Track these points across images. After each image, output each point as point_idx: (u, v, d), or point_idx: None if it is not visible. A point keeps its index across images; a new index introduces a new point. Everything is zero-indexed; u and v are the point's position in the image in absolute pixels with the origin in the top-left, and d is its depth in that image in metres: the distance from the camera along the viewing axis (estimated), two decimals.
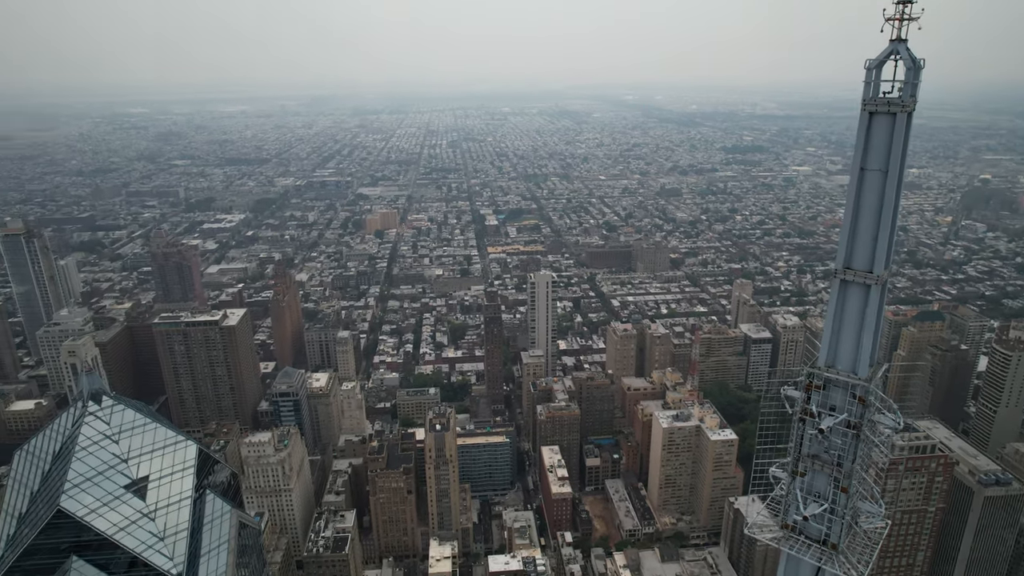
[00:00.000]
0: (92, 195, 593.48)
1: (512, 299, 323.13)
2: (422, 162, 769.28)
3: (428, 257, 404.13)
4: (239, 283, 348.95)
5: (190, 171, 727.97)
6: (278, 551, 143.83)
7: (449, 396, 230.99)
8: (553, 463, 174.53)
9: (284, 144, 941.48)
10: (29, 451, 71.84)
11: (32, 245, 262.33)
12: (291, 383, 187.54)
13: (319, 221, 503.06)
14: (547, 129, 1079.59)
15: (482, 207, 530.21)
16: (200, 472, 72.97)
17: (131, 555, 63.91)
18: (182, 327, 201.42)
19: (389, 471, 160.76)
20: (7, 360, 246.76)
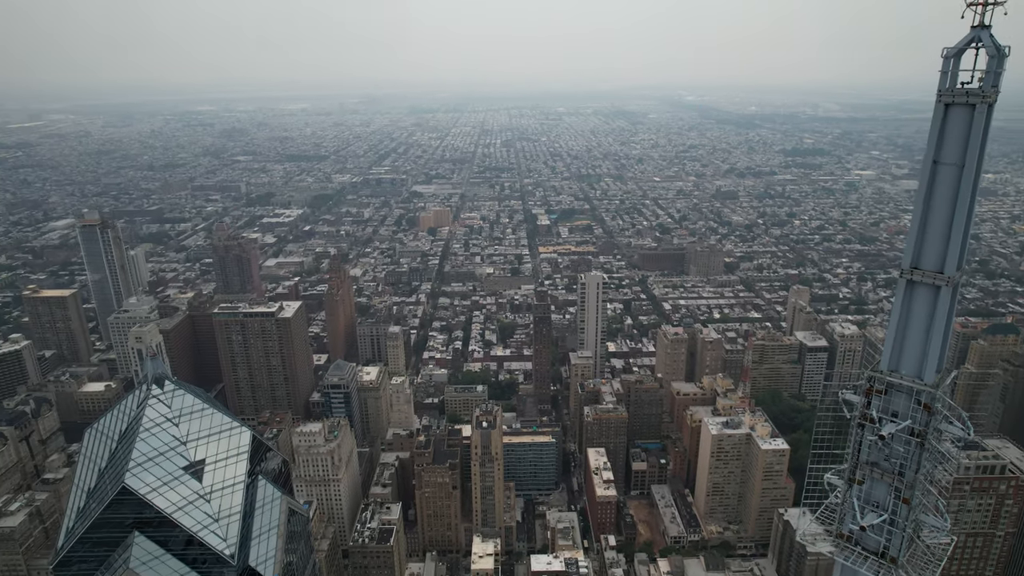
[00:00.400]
0: (161, 189, 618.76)
1: (562, 299, 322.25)
2: (476, 161, 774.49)
3: (479, 255, 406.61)
4: (295, 276, 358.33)
5: (252, 167, 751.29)
6: (325, 539, 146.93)
7: (496, 394, 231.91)
8: (599, 465, 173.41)
9: (342, 141, 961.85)
10: (98, 430, 75.56)
11: (106, 236, 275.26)
12: (342, 376, 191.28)
13: (374, 218, 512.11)
14: (602, 129, 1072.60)
15: (534, 207, 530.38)
16: (253, 458, 75.29)
17: (188, 534, 66.45)
18: (240, 318, 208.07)
19: (435, 466, 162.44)
20: (81, 344, 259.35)
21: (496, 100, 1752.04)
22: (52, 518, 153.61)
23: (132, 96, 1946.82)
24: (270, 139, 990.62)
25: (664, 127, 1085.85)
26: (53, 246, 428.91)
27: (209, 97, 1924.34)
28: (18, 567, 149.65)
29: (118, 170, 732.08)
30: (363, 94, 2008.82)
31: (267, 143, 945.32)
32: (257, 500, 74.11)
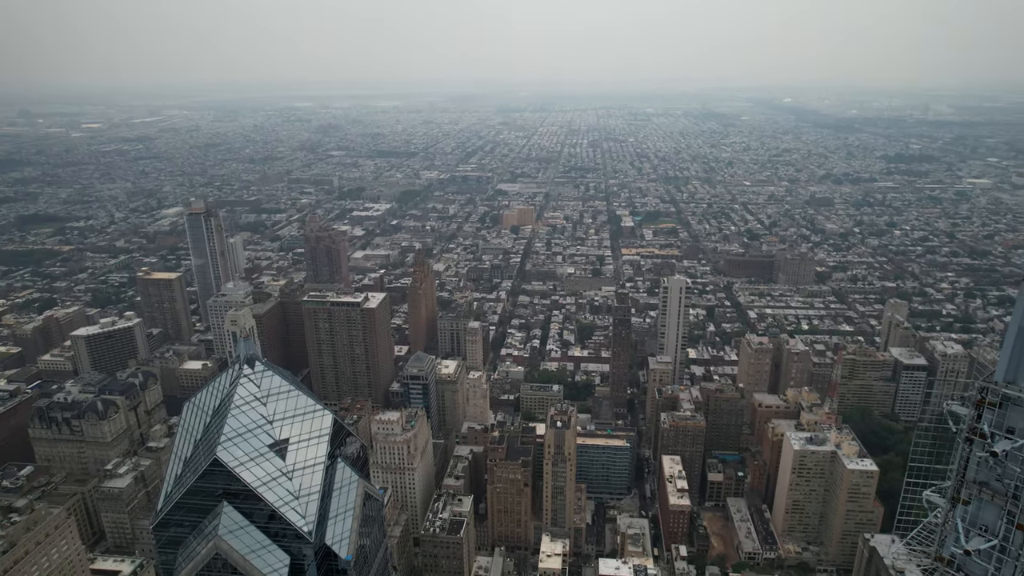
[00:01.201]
0: (260, 180, 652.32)
1: (643, 303, 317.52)
2: (561, 160, 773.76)
3: (561, 255, 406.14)
4: (381, 269, 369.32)
5: (345, 161, 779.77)
6: (397, 526, 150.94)
7: (572, 395, 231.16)
8: (673, 473, 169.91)
9: (431, 139, 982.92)
10: (195, 404, 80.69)
11: (210, 223, 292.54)
12: (422, 367, 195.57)
13: (459, 214, 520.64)
14: (691, 131, 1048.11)
15: (619, 208, 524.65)
16: (334, 441, 78.26)
17: (271, 509, 69.86)
18: (327, 306, 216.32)
19: (508, 462, 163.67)
20: (183, 324, 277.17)
21: (583, 100, 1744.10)
22: (154, 483, 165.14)
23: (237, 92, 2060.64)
24: (363, 135, 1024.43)
25: (757, 130, 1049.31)
26: (164, 232, 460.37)
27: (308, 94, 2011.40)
28: (124, 525, 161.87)
29: (223, 162, 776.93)
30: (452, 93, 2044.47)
31: (360, 139, 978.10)
32: (335, 481, 76.99)
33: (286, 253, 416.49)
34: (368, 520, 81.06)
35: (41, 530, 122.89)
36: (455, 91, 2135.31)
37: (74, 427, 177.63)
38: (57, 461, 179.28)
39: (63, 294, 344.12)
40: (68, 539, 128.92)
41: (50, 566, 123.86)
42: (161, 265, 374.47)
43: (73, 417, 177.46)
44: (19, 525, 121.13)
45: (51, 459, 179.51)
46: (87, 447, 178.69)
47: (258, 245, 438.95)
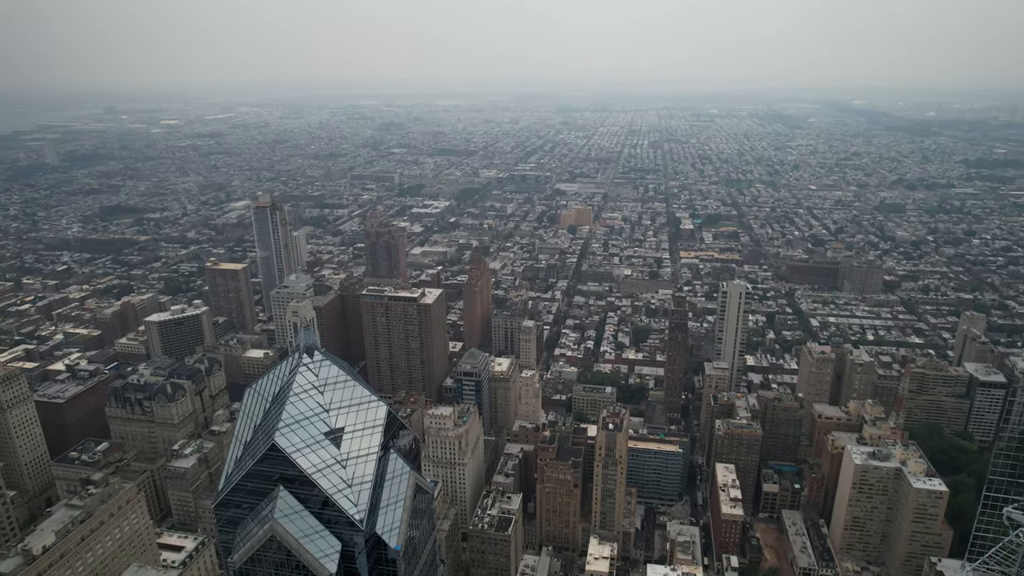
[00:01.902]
0: (324, 176, 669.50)
1: (701, 307, 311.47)
2: (621, 161, 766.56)
3: (618, 256, 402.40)
4: (438, 265, 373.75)
5: (406, 159, 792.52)
6: (446, 520, 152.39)
7: (625, 397, 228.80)
8: (727, 482, 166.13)
9: (491, 138, 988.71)
10: (256, 390, 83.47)
11: (275, 217, 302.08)
12: (475, 364, 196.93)
13: (516, 213, 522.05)
14: (755, 133, 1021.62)
15: (678, 210, 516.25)
16: (387, 432, 79.66)
17: (324, 496, 71.62)
18: (385, 300, 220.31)
19: (558, 462, 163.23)
20: (247, 314, 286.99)
21: (645, 100, 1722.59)
22: (216, 465, 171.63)
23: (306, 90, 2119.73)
24: (424, 133, 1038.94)
25: (825, 132, 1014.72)
26: (232, 224, 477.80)
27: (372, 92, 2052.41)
28: (188, 503, 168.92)
29: (289, 158, 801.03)
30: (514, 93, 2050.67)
31: (421, 137, 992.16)
32: (387, 472, 78.32)
33: (347, 248, 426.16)
34: (418, 512, 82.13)
35: (115, 503, 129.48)
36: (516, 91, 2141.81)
37: (145, 408, 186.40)
38: (130, 439, 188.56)
39: (139, 281, 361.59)
40: (138, 513, 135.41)
41: (122, 537, 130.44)
42: (228, 256, 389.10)
43: (145, 398, 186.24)
44: (96, 497, 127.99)
45: (125, 437, 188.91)
46: (156, 427, 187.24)
47: (320, 239, 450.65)
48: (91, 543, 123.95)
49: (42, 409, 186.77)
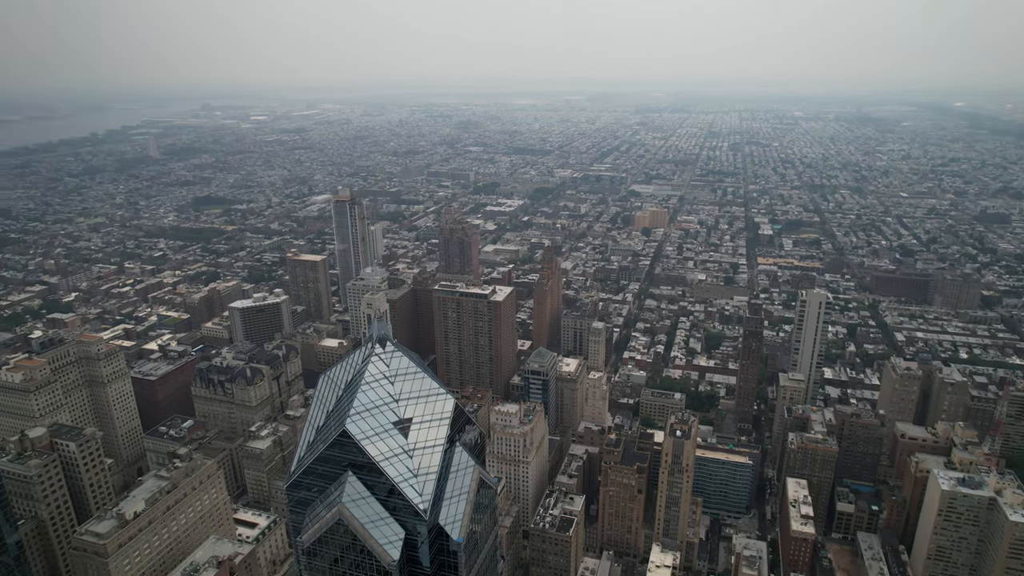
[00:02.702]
0: (401, 173, 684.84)
1: (777, 315, 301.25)
2: (699, 163, 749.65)
3: (693, 260, 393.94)
4: (510, 264, 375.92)
5: (482, 157, 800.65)
6: (508, 517, 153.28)
7: (694, 404, 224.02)
8: (798, 498, 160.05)
9: (566, 137, 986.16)
10: (330, 377, 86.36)
11: (354, 211, 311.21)
12: (543, 363, 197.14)
13: (590, 213, 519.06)
14: (843, 137, 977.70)
15: (757, 215, 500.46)
16: (453, 425, 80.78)
17: (391, 484, 73.33)
18: (457, 296, 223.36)
19: (623, 466, 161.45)
20: (324, 304, 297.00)
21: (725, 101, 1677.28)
22: (289, 448, 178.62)
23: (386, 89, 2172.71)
24: (500, 132, 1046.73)
25: (920, 136, 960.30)
26: (312, 217, 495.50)
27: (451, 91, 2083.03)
28: (262, 483, 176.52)
29: (368, 154, 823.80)
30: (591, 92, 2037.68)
31: (497, 136, 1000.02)
32: (452, 465, 79.43)
33: (421, 243, 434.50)
34: (481, 507, 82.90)
35: (197, 477, 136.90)
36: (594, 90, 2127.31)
37: (227, 389, 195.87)
38: (212, 418, 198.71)
39: (225, 269, 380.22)
40: (217, 488, 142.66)
41: (202, 509, 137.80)
42: (308, 248, 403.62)
43: (226, 380, 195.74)
44: (181, 470, 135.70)
45: (207, 415, 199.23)
46: (236, 409, 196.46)
47: (396, 234, 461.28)
48: (175, 512, 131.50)
49: (137, 385, 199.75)
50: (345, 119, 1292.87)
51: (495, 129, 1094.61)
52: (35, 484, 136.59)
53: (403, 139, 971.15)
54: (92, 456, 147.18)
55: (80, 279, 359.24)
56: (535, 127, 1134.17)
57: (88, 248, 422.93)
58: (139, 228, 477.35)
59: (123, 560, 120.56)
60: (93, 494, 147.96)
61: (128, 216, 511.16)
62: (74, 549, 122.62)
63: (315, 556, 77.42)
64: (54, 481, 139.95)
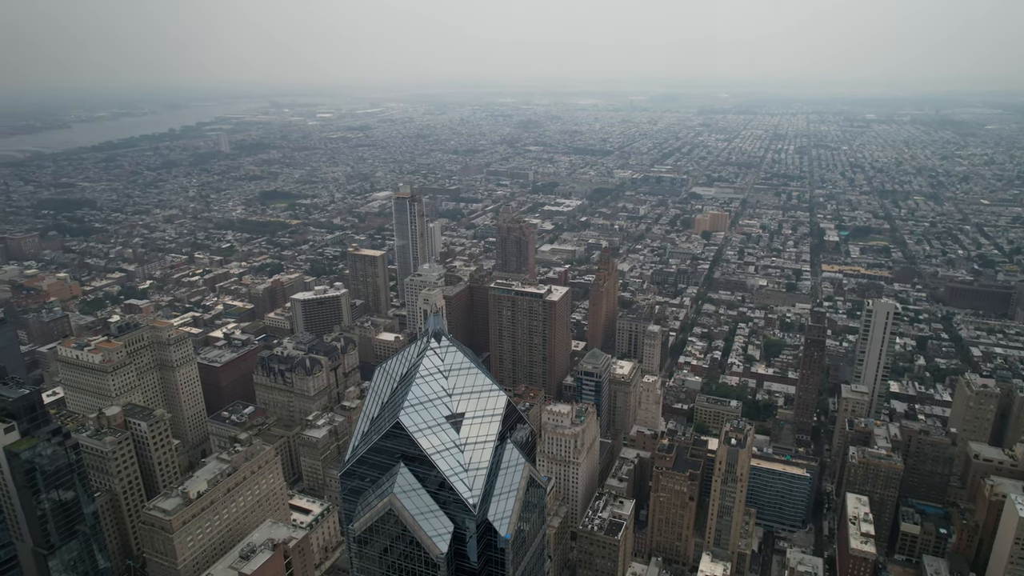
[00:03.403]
0: (461, 171, 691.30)
1: (841, 325, 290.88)
2: (763, 166, 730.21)
3: (754, 265, 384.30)
4: (566, 264, 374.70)
5: (541, 157, 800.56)
6: (557, 517, 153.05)
7: (751, 413, 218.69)
8: (858, 515, 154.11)
9: (627, 138, 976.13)
10: (385, 369, 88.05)
11: (413, 208, 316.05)
12: (597, 365, 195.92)
13: (649, 215, 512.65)
14: (918, 140, 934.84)
15: (823, 220, 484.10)
16: (505, 422, 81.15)
17: (441, 477, 74.24)
18: (512, 295, 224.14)
19: (675, 472, 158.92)
20: (382, 298, 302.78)
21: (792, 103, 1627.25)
22: (344, 438, 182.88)
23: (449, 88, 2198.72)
24: (560, 132, 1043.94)
25: (1006, 140, 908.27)
26: (373, 213, 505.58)
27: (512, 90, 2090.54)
28: (317, 471, 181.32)
29: (429, 152, 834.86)
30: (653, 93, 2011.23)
31: (557, 135, 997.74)
32: (503, 461, 79.79)
33: (479, 241, 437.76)
34: (529, 505, 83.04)
35: (256, 461, 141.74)
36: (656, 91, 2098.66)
37: (286, 378, 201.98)
38: (271, 405, 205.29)
39: (288, 262, 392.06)
40: (274, 473, 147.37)
41: (260, 493, 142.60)
42: (368, 243, 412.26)
43: (286, 370, 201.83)
44: (241, 454, 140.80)
45: (267, 403, 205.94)
46: (295, 397, 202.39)
47: (454, 231, 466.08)
48: (235, 495, 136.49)
49: (203, 371, 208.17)
50: (408, 117, 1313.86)
51: (555, 129, 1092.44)
52: (110, 459, 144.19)
53: (464, 138, 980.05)
54: (161, 436, 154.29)
55: (155, 268, 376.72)
56: (596, 127, 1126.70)
57: (163, 238, 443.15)
58: (209, 220, 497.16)
59: (186, 536, 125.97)
60: (160, 472, 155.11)
61: (199, 208, 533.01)
62: (143, 523, 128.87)
63: (366, 545, 79.11)
64: (127, 458, 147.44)
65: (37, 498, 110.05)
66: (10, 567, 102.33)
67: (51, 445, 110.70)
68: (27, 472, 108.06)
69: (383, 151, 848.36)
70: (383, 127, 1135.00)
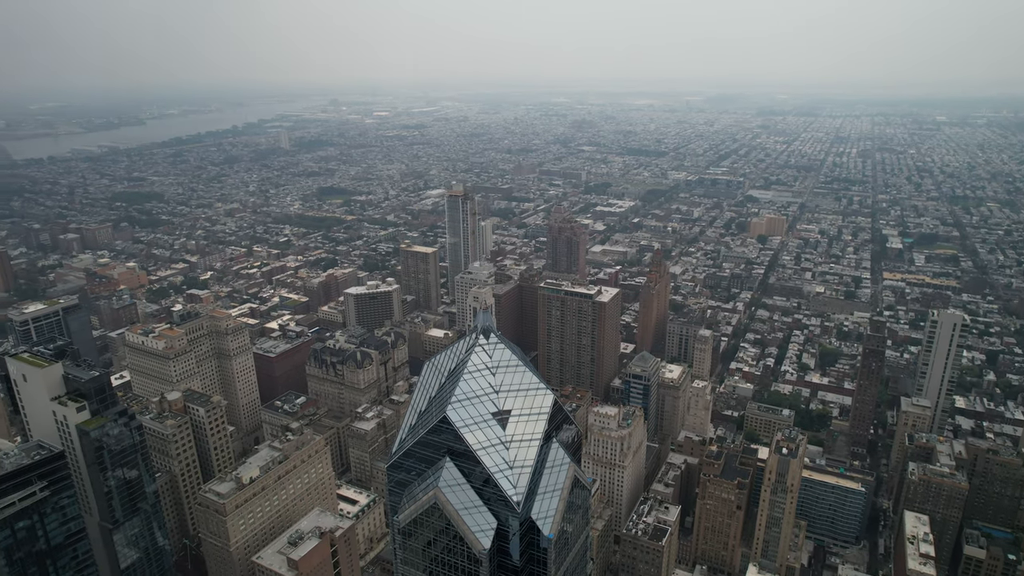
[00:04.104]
0: (514, 170, 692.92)
1: (902, 335, 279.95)
2: (824, 170, 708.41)
3: (811, 272, 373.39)
4: (617, 265, 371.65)
5: (594, 157, 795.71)
6: (600, 520, 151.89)
7: (804, 423, 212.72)
8: (917, 534, 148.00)
9: (683, 139, 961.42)
10: (434, 364, 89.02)
11: (466, 206, 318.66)
12: (645, 368, 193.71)
13: (703, 218, 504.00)
14: (994, 144, 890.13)
15: (886, 226, 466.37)
16: (551, 421, 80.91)
17: (486, 473, 74.54)
18: (562, 295, 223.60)
19: (723, 480, 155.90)
20: (432, 295, 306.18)
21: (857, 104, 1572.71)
22: (392, 431, 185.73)
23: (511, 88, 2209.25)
24: (615, 132, 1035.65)
25: None
26: (426, 210, 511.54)
27: (567, 90, 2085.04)
28: (365, 462, 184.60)
29: (483, 151, 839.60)
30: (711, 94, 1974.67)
31: (611, 136, 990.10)
32: (548, 460, 79.54)
33: (529, 240, 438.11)
34: (573, 506, 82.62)
35: (306, 450, 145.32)
36: (713, 91, 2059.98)
37: (338, 371, 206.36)
38: (323, 397, 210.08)
39: (342, 257, 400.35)
40: (323, 463, 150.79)
41: (309, 481, 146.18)
42: (421, 240, 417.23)
43: (338, 362, 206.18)
44: (292, 443, 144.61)
45: (319, 394, 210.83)
46: (345, 390, 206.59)
47: (505, 230, 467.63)
48: (285, 482, 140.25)
49: (258, 360, 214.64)
50: (462, 116, 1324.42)
51: (609, 129, 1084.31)
52: (170, 442, 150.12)
53: (517, 137, 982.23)
54: (217, 422, 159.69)
55: (215, 259, 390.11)
56: (651, 127, 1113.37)
57: (224, 231, 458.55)
58: (268, 214, 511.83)
59: (239, 520, 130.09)
60: (216, 457, 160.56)
61: (259, 203, 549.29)
62: (198, 504, 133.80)
63: (410, 537, 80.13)
64: (185, 441, 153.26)
65: (104, 475, 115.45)
66: (79, 538, 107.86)
67: (118, 425, 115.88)
68: (96, 450, 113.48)
69: (437, 149, 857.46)
70: (438, 125, 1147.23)
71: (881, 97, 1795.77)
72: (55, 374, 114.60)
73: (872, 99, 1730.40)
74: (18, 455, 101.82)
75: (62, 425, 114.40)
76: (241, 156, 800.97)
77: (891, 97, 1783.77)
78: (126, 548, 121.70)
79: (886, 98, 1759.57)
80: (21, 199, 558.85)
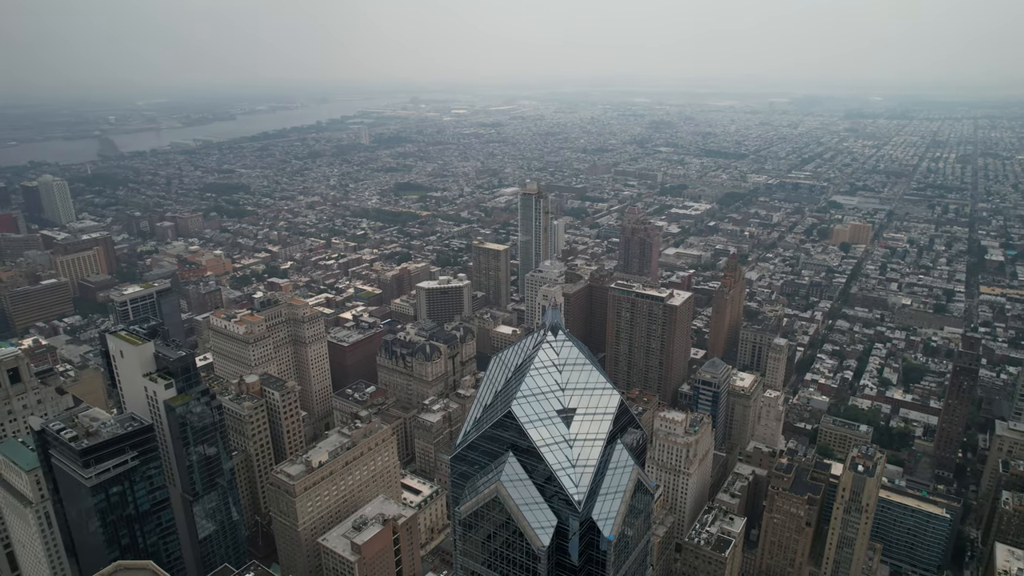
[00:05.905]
0: (588, 170, 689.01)
1: (1000, 354, 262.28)
2: (916, 176, 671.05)
3: (897, 282, 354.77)
4: (691, 269, 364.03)
5: (671, 158, 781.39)
6: (662, 526, 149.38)
7: (883, 441, 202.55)
8: (1010, 569, 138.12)
9: (764, 141, 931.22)
10: (501, 359, 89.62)
11: (539, 205, 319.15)
12: (716, 374, 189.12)
13: (782, 223, 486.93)
14: None
15: (985, 237, 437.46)
16: (616, 422, 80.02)
17: (549, 471, 74.50)
18: (632, 296, 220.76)
19: (792, 494, 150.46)
20: (502, 292, 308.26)
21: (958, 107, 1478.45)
22: (457, 424, 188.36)
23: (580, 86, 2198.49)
24: (693, 133, 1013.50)
25: None
26: (499, 208, 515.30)
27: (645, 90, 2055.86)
28: (429, 454, 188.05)
29: (558, 150, 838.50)
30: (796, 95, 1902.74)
31: (689, 137, 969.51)
32: (611, 461, 78.68)
33: (602, 241, 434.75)
34: (635, 510, 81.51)
35: (374, 439, 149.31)
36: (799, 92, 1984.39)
37: (407, 362, 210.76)
38: (391, 387, 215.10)
39: (416, 251, 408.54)
40: (389, 452, 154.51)
41: (375, 468, 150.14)
42: (493, 237, 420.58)
43: (408, 354, 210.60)
44: (360, 430, 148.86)
45: (388, 384, 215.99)
46: (413, 381, 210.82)
47: (577, 230, 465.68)
48: (352, 468, 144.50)
49: (331, 349, 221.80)
50: (539, 115, 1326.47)
51: (688, 130, 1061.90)
52: (247, 423, 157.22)
53: (593, 136, 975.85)
54: (291, 406, 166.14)
55: (295, 250, 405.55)
56: (731, 129, 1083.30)
57: (304, 223, 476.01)
58: (347, 208, 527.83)
59: (307, 502, 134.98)
60: (288, 440, 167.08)
61: (339, 196, 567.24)
62: (270, 484, 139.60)
63: (471, 529, 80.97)
64: (260, 423, 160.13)
65: (187, 449, 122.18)
66: (163, 507, 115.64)
67: (200, 404, 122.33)
68: (181, 425, 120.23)
69: (513, 147, 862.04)
70: (514, 124, 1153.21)
71: (987, 98, 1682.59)
72: (147, 352, 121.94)
73: (976, 101, 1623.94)
74: (114, 425, 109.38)
75: (152, 400, 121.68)
76: (323, 151, 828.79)
77: (998, 98, 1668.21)
78: (204, 520, 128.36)
79: (993, 99, 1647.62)
80: (125, 188, 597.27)
